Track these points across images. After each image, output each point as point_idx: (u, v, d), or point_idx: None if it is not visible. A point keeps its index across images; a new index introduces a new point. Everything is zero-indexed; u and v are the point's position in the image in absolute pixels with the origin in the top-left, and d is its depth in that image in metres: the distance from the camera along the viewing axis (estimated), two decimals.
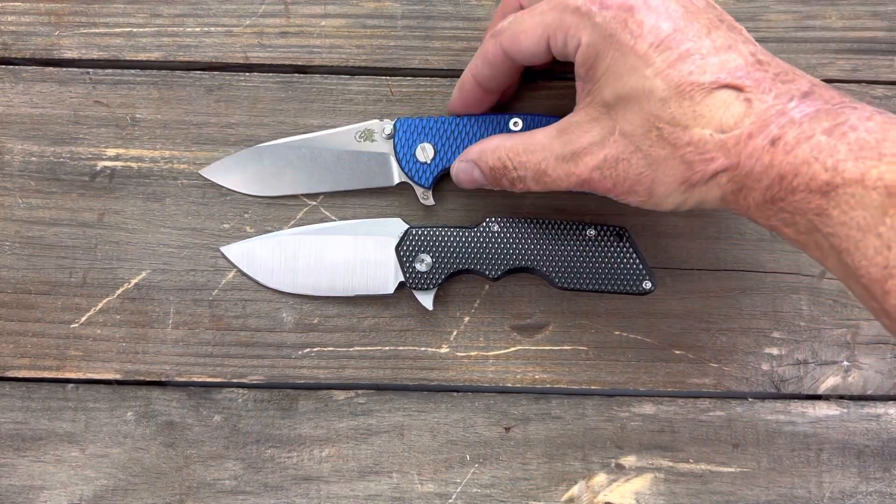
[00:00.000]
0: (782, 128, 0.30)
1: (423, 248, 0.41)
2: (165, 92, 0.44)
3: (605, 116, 0.34)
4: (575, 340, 0.42)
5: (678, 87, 0.31)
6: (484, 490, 0.42)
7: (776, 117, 0.30)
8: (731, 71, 0.31)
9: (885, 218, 0.27)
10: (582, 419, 0.42)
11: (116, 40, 0.44)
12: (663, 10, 0.32)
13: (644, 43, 0.32)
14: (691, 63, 0.31)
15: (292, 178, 0.43)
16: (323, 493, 0.42)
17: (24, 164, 0.43)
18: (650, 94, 0.32)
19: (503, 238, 0.40)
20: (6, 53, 0.44)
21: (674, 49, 0.31)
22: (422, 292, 0.41)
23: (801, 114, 0.30)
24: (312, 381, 0.42)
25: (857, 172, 0.28)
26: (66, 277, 0.43)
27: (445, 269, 0.41)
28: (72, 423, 0.42)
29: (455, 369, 0.42)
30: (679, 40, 0.31)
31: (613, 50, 0.32)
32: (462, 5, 0.45)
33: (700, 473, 0.42)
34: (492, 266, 0.40)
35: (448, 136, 0.41)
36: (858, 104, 0.30)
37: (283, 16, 0.44)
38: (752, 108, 0.30)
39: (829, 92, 0.31)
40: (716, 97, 0.31)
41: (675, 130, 0.31)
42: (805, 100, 0.30)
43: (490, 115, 0.41)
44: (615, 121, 0.33)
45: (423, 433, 0.42)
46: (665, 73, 0.31)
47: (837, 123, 0.29)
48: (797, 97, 0.30)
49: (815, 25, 0.44)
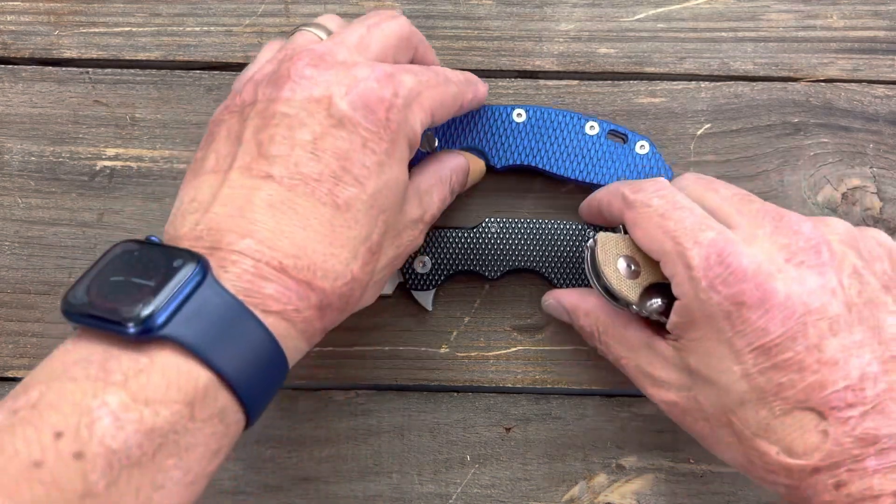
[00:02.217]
0: (851, 474, 0.28)
1: (422, 250, 0.41)
2: (165, 92, 0.44)
3: (686, 373, 0.32)
4: (575, 340, 0.42)
5: (761, 394, 0.29)
6: (484, 490, 0.42)
7: (849, 462, 0.28)
8: (824, 396, 0.28)
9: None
10: (582, 419, 0.42)
11: (116, 40, 0.44)
12: (780, 311, 0.29)
13: (742, 341, 0.29)
14: (785, 374, 0.29)
15: None
16: (323, 493, 0.41)
17: (23, 164, 0.43)
18: (730, 389, 0.30)
19: (502, 239, 0.40)
20: (5, 53, 0.44)
21: (772, 356, 0.29)
22: (421, 293, 0.41)
23: (877, 464, 0.28)
24: (312, 381, 0.42)
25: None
26: (66, 277, 0.43)
27: (445, 270, 0.40)
28: None
29: (455, 369, 0.42)
30: (783, 347, 0.29)
31: (709, 329, 0.30)
32: (462, 5, 0.45)
33: (701, 474, 0.42)
34: (491, 267, 0.40)
35: (451, 125, 0.41)
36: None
37: (283, 15, 0.44)
38: (826, 441, 0.28)
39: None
40: (794, 417, 0.29)
41: (744, 430, 0.30)
42: (889, 452, 0.28)
43: (494, 107, 0.41)
44: (694, 384, 0.32)
45: (423, 433, 0.42)
46: (753, 377, 0.29)
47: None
48: (883, 442, 0.28)
49: (816, 25, 0.44)
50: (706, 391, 0.31)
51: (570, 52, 0.44)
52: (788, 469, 0.29)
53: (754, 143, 0.43)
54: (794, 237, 0.31)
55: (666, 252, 0.32)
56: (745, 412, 0.30)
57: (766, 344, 0.29)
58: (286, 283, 0.27)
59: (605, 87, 0.44)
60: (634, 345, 0.35)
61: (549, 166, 0.41)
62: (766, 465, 0.30)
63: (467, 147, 0.41)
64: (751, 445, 0.30)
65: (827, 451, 0.28)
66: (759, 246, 0.31)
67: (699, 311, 0.30)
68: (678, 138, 0.43)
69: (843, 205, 0.43)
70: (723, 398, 0.30)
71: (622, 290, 0.34)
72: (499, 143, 0.41)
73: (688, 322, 0.31)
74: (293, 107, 0.30)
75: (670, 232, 0.32)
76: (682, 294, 0.31)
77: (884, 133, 0.43)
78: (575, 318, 0.38)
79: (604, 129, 0.41)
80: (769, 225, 0.32)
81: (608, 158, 0.41)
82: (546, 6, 0.45)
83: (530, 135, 0.41)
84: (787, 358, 0.29)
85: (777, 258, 0.30)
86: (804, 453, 0.29)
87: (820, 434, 0.28)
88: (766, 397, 0.29)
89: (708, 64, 0.44)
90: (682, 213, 0.32)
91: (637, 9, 0.45)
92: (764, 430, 0.30)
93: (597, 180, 0.41)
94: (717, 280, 0.30)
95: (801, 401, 0.29)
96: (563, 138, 0.41)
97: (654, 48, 0.44)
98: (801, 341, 0.29)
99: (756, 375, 0.29)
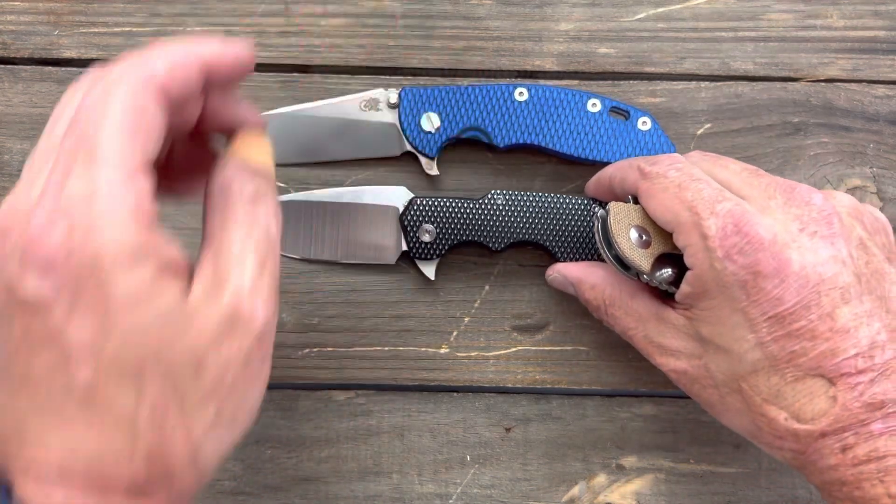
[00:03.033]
0: (857, 437, 0.29)
1: (428, 219, 0.41)
2: None
3: (697, 342, 0.33)
4: (575, 340, 0.42)
5: (774, 361, 0.30)
6: (484, 491, 0.42)
7: (856, 426, 0.29)
8: (835, 363, 0.29)
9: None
10: (582, 420, 0.42)
11: (116, 40, 0.44)
12: (795, 280, 0.29)
13: (757, 310, 0.30)
14: (797, 343, 0.29)
15: (296, 148, 0.43)
16: (323, 493, 0.41)
17: (23, 164, 0.43)
18: (743, 357, 0.30)
19: (507, 211, 0.40)
20: (5, 53, 0.44)
21: (786, 324, 0.29)
22: (424, 262, 0.41)
23: (883, 427, 0.28)
24: (312, 381, 0.42)
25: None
26: None
27: (449, 239, 0.40)
28: None
29: (455, 369, 0.42)
30: (797, 316, 0.29)
31: (723, 298, 0.31)
32: (462, 5, 0.45)
33: (701, 474, 0.42)
34: (495, 238, 0.40)
35: (454, 105, 0.41)
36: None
37: (283, 15, 0.44)
38: (835, 406, 0.29)
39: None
40: (805, 384, 0.29)
41: (754, 396, 0.31)
42: (895, 416, 0.28)
43: (496, 85, 0.41)
44: (705, 352, 0.32)
45: (423, 433, 0.42)
46: (766, 345, 0.30)
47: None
48: (889, 407, 0.28)
49: (817, 25, 0.44)
50: (718, 359, 0.32)
51: (570, 51, 0.44)
52: (796, 434, 0.30)
53: (754, 142, 0.43)
54: (807, 208, 0.31)
55: (681, 222, 0.32)
56: (757, 379, 0.30)
57: (780, 313, 0.29)
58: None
59: (605, 87, 0.44)
60: (643, 315, 0.35)
61: (551, 144, 0.41)
62: (773, 431, 0.31)
63: (469, 126, 0.41)
64: (760, 412, 0.31)
65: (835, 416, 0.29)
66: (772, 216, 0.31)
67: (713, 281, 0.31)
68: (678, 138, 0.43)
69: None
70: (735, 365, 0.31)
71: (634, 258, 0.34)
72: (501, 122, 0.41)
73: (700, 292, 0.31)
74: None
75: (687, 202, 0.32)
76: (696, 264, 0.31)
77: (884, 133, 0.43)
78: (580, 291, 0.38)
79: (606, 106, 0.41)
80: (781, 196, 0.32)
81: (610, 135, 0.41)
82: (546, 6, 0.45)
83: (532, 113, 0.41)
84: (801, 326, 0.29)
85: (791, 228, 0.31)
86: (812, 418, 0.29)
87: (829, 400, 0.29)
88: (779, 364, 0.30)
89: (708, 64, 0.44)
90: (700, 185, 0.32)
91: (637, 9, 0.45)
92: (774, 396, 0.30)
93: (599, 157, 0.41)
94: (734, 250, 0.30)
95: (813, 368, 0.29)
96: (566, 116, 0.41)
97: (655, 48, 0.44)
98: (815, 310, 0.29)
99: (770, 343, 0.30)
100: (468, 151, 0.44)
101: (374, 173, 0.43)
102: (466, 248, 0.42)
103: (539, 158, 0.43)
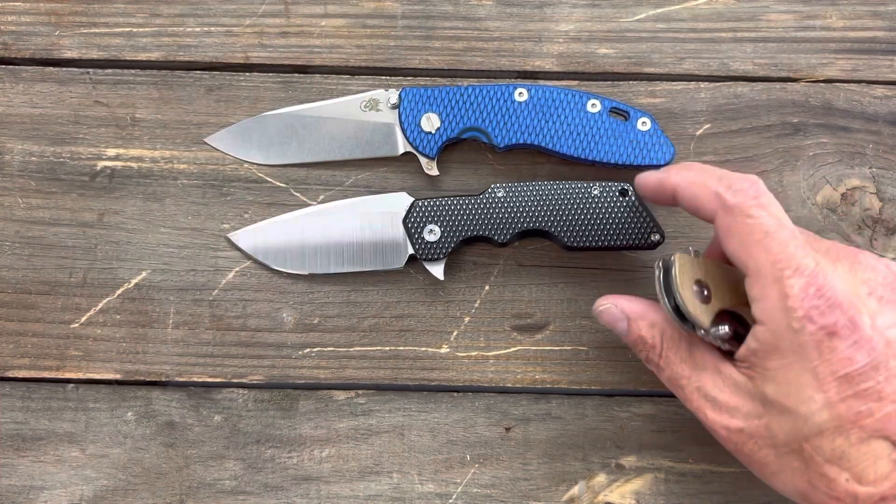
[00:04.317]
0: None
1: (431, 219, 0.41)
2: (165, 92, 0.44)
3: (759, 402, 0.32)
4: (575, 340, 0.42)
5: (840, 422, 0.30)
6: (484, 490, 0.42)
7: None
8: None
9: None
10: (582, 419, 0.42)
11: (116, 40, 0.44)
12: (866, 343, 0.30)
13: (828, 369, 0.30)
14: (864, 403, 0.29)
15: (297, 147, 0.43)
16: (323, 493, 0.42)
17: (24, 164, 0.43)
18: (809, 418, 0.30)
19: (509, 202, 0.40)
20: (6, 53, 0.44)
21: (854, 384, 0.30)
22: (432, 263, 0.41)
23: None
24: (312, 381, 0.42)
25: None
26: (66, 277, 0.43)
27: (455, 236, 0.40)
28: (72, 423, 0.42)
29: (455, 369, 0.42)
30: (866, 377, 0.30)
31: (794, 357, 0.30)
32: (462, 5, 0.45)
33: (700, 473, 0.42)
34: (500, 230, 0.40)
35: (454, 105, 0.42)
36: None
37: (284, 16, 0.44)
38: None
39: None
40: (870, 446, 0.30)
41: (815, 457, 0.31)
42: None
43: (496, 86, 0.42)
44: (766, 412, 0.32)
45: (423, 433, 0.42)
46: (834, 405, 0.30)
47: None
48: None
49: (816, 25, 0.44)
50: (781, 420, 0.31)
51: (570, 52, 0.44)
52: (856, 496, 0.30)
53: (754, 143, 0.43)
54: (873, 273, 0.32)
55: (761, 273, 0.31)
56: (821, 440, 0.30)
57: (850, 373, 0.30)
58: None
59: (604, 87, 0.44)
60: (701, 365, 0.34)
61: (551, 145, 0.41)
62: (831, 492, 0.31)
63: (469, 127, 0.42)
64: (819, 472, 0.31)
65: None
66: (842, 279, 0.31)
67: (787, 340, 0.30)
68: (678, 138, 0.43)
69: (843, 205, 0.43)
70: (800, 426, 0.31)
71: (697, 313, 0.33)
72: (500, 123, 0.42)
73: (769, 350, 0.31)
74: None
75: (773, 254, 0.31)
76: (769, 320, 0.31)
77: (883, 133, 0.43)
78: (636, 327, 0.36)
79: (605, 106, 0.41)
80: (846, 261, 0.33)
81: (610, 136, 0.41)
82: (546, 6, 0.45)
83: (532, 114, 0.41)
84: (869, 387, 0.29)
85: (860, 291, 0.31)
86: (875, 481, 0.29)
87: (892, 463, 0.29)
88: (845, 425, 0.30)
89: (707, 64, 0.44)
90: (786, 235, 0.31)
91: (637, 9, 0.45)
92: (838, 458, 0.30)
93: (599, 158, 0.41)
94: (814, 311, 0.30)
95: (878, 430, 0.29)
96: (565, 116, 0.41)
97: (654, 48, 0.44)
98: (883, 371, 0.30)
99: (838, 404, 0.30)
100: (468, 151, 0.44)
101: (374, 173, 0.43)
102: (471, 246, 0.42)
103: (539, 159, 0.43)
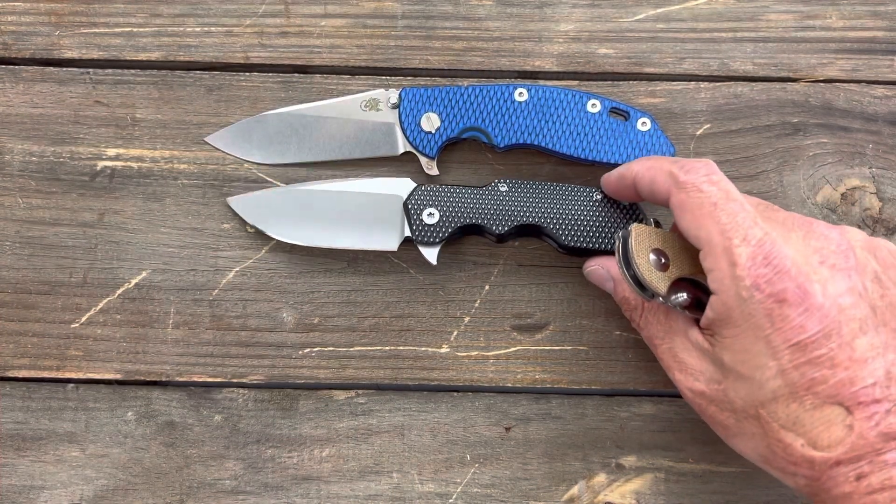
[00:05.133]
0: (872, 466, 0.29)
1: (432, 203, 0.41)
2: (165, 92, 0.44)
3: (718, 367, 0.33)
4: (575, 340, 0.42)
5: (794, 388, 0.30)
6: (484, 490, 0.42)
7: (871, 455, 0.29)
8: (853, 391, 0.30)
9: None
10: (582, 419, 0.42)
11: (116, 40, 0.44)
12: (818, 310, 0.30)
13: (780, 338, 0.30)
14: (817, 370, 0.30)
15: (297, 147, 0.43)
16: (323, 493, 0.42)
17: (24, 164, 0.43)
18: (764, 384, 0.31)
19: (511, 197, 0.40)
20: (6, 53, 0.44)
21: (807, 352, 0.30)
22: (427, 247, 0.41)
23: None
24: (312, 381, 0.42)
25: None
26: (67, 277, 0.43)
27: (453, 222, 0.40)
28: (72, 423, 0.42)
29: (455, 369, 0.42)
30: (818, 344, 0.30)
31: (747, 326, 0.31)
32: (462, 5, 0.45)
33: (700, 473, 0.42)
34: (499, 223, 0.40)
35: (454, 105, 0.42)
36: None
37: (284, 16, 0.44)
38: (851, 435, 0.30)
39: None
40: (823, 412, 0.30)
41: (771, 422, 0.31)
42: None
43: (495, 86, 0.42)
44: (725, 378, 0.33)
45: (423, 433, 0.42)
46: (787, 372, 0.30)
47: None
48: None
49: (816, 25, 0.44)
50: (737, 385, 0.32)
51: (570, 52, 0.44)
52: (811, 461, 0.30)
53: (754, 143, 0.43)
54: (826, 241, 0.32)
55: (713, 244, 0.32)
56: (776, 406, 0.31)
57: (803, 340, 0.30)
58: None
59: (604, 87, 0.44)
60: (674, 329, 0.36)
61: (551, 145, 0.41)
62: (788, 457, 0.31)
63: (469, 127, 0.42)
64: (776, 437, 0.31)
65: (850, 445, 0.29)
66: (794, 247, 0.32)
67: (738, 308, 0.31)
68: (678, 138, 0.43)
69: (843, 205, 0.43)
70: (755, 392, 0.31)
71: (651, 280, 0.35)
72: (500, 123, 0.42)
73: (724, 319, 0.32)
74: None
75: (721, 224, 0.32)
76: (721, 289, 0.32)
77: (883, 133, 0.43)
78: (621, 289, 0.38)
79: (605, 106, 0.42)
80: (800, 230, 0.33)
81: (610, 136, 0.41)
82: (546, 6, 0.45)
83: (532, 114, 0.41)
84: (822, 354, 0.30)
85: (812, 260, 0.32)
86: (828, 446, 0.30)
87: (846, 428, 0.30)
88: (798, 392, 0.30)
89: (707, 64, 0.44)
90: (734, 206, 0.32)
91: (637, 9, 0.45)
92: (792, 423, 0.31)
93: (599, 158, 0.41)
94: (762, 279, 0.30)
95: (831, 396, 0.30)
96: (565, 117, 0.41)
97: (654, 48, 0.44)
98: (835, 339, 0.30)
99: (791, 371, 0.30)
100: (468, 151, 0.44)
101: (374, 173, 0.43)
102: (471, 245, 0.42)
103: (539, 159, 0.43)
